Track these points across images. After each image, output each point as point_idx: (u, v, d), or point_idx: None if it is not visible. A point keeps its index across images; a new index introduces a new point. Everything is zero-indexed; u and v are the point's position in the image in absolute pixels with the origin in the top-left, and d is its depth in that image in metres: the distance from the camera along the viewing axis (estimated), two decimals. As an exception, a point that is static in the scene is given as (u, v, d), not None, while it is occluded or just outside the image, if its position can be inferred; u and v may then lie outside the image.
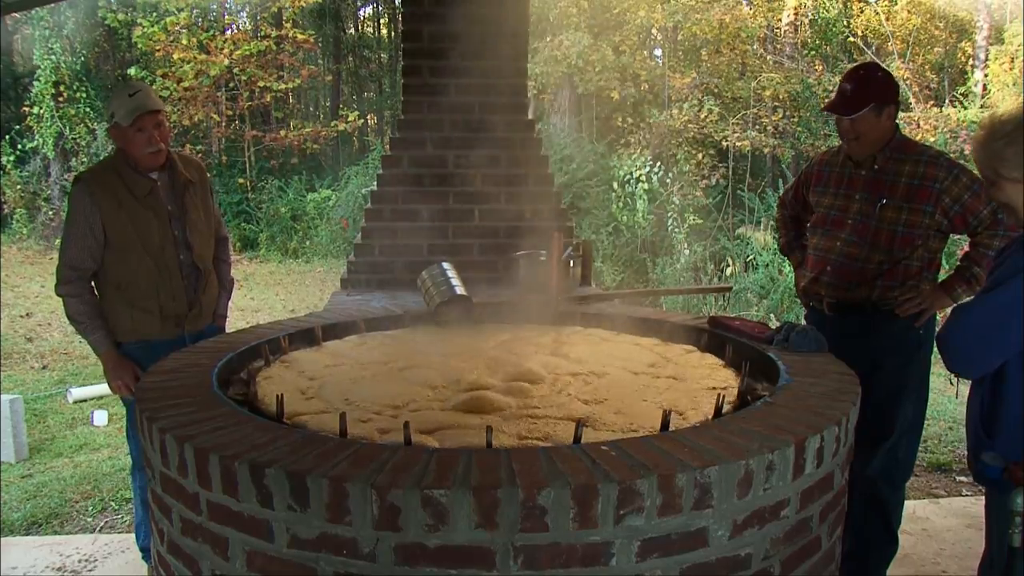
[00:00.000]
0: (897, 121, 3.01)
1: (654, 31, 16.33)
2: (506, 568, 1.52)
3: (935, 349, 3.03)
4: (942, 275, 3.09)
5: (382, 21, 22.65)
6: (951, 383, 6.13)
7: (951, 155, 3.55)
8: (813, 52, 15.19)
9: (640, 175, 10.80)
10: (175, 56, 14.44)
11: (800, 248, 3.34)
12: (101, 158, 12.97)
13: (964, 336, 2.05)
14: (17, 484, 4.50)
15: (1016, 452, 1.99)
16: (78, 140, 14.08)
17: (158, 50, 14.60)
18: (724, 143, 12.80)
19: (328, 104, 20.70)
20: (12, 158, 14.06)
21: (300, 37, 15.74)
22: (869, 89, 2.90)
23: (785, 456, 1.69)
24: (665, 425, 1.86)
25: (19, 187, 14.10)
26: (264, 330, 2.86)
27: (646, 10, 14.33)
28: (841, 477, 1.95)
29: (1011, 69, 11.95)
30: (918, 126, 10.56)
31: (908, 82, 12.37)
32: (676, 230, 10.33)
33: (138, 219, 3.08)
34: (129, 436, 3.30)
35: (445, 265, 3.19)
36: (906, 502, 3.25)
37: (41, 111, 13.92)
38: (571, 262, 4.01)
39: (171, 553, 1.88)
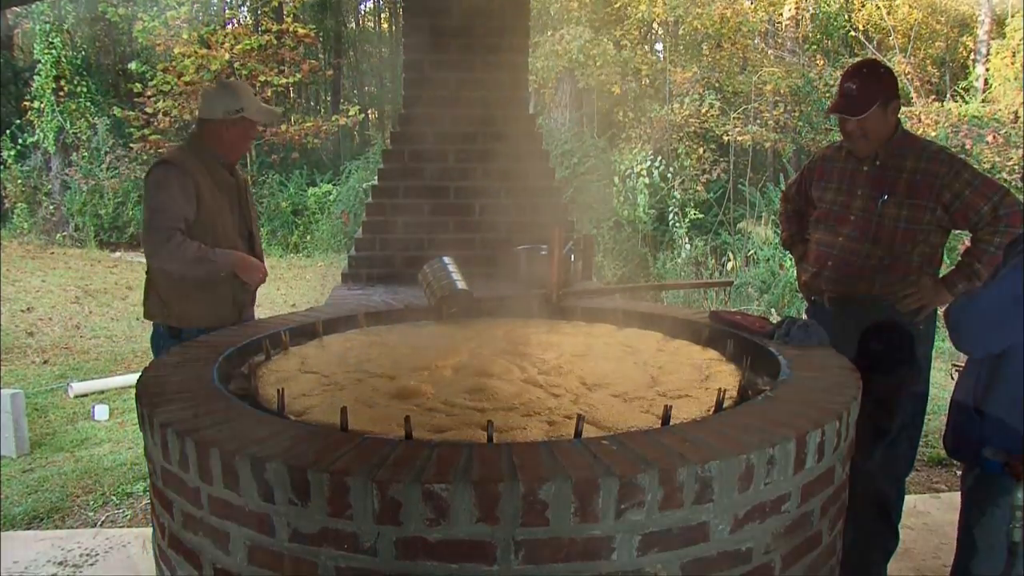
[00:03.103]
0: (898, 116, 3.00)
1: (655, 25, 16.30)
2: (507, 562, 1.52)
3: (935, 344, 3.03)
4: (943, 270, 3.08)
5: (383, 15, 22.63)
6: (952, 378, 6.11)
7: (952, 150, 3.54)
8: (814, 47, 15.16)
9: (641, 170, 10.78)
10: (176, 50, 14.39)
11: (802, 242, 3.33)
12: (112, 154, 13.05)
13: (978, 317, 2.06)
14: (18, 479, 4.50)
15: (1006, 434, 2.01)
16: (79, 134, 14.06)
17: (159, 44, 14.54)
18: (725, 138, 12.76)
19: (329, 99, 20.65)
20: (13, 153, 14.04)
21: (301, 31, 15.66)
22: (874, 87, 2.85)
23: (786, 450, 1.69)
24: (666, 420, 1.86)
25: (20, 182, 14.07)
26: (265, 325, 2.86)
27: (647, 4, 14.31)
28: (842, 471, 1.95)
29: (1012, 64, 11.92)
30: (919, 121, 10.54)
31: (909, 77, 12.34)
32: (677, 225, 10.31)
33: (221, 207, 3.26)
34: None
35: (446, 259, 3.19)
36: (907, 496, 3.25)
37: (42, 105, 13.90)
38: (572, 257, 4.00)
39: (172, 547, 1.89)
